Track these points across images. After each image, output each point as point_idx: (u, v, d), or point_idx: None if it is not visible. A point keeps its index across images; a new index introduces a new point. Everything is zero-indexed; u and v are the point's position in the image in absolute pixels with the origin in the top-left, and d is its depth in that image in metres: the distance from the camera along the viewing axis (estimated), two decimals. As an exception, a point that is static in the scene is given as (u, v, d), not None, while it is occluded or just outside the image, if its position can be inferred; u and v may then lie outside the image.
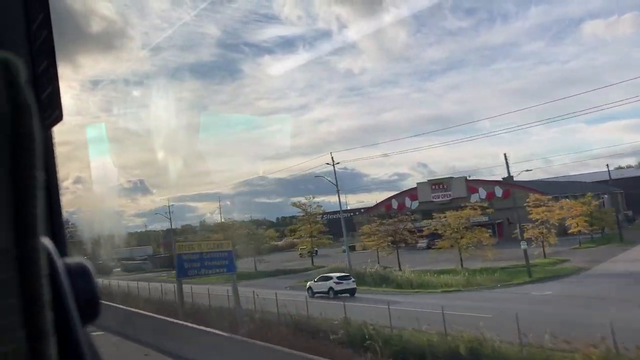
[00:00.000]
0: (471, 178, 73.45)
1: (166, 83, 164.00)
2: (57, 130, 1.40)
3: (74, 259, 0.97)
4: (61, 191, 1.39)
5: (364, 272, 42.82)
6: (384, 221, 53.66)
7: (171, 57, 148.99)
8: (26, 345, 0.55)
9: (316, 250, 71.99)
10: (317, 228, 61.75)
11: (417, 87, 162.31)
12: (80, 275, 0.90)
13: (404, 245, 50.41)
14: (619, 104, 79.56)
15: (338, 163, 55.92)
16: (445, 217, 46.08)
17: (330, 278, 38.95)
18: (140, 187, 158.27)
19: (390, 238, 49.54)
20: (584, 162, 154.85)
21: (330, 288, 37.87)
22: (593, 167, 71.20)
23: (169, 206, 79.06)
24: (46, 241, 0.68)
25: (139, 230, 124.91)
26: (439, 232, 46.83)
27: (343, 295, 36.34)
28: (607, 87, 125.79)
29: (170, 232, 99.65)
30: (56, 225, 1.32)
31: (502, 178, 63.11)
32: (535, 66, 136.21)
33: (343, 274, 40.28)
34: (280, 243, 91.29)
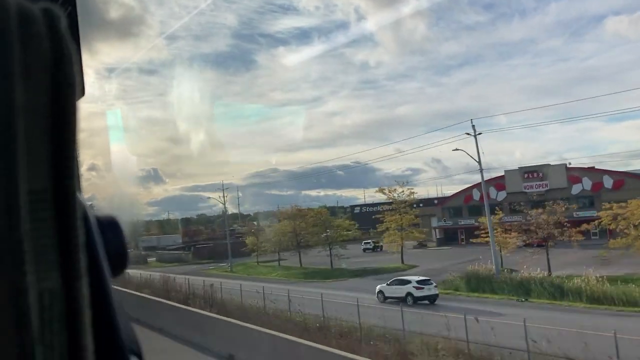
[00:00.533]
0: (571, 166, 63.00)
1: (181, 72, 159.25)
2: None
3: (104, 214, 0.94)
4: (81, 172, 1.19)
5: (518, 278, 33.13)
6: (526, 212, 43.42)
7: (186, 47, 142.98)
8: (61, 284, 0.57)
9: (380, 246, 62.10)
10: (408, 219, 51.19)
11: (433, 82, 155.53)
12: (110, 228, 0.89)
13: (540, 243, 39.79)
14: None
15: (480, 133, 45.57)
16: (626, 206, 35.20)
17: (408, 282, 34.33)
18: (153, 176, 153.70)
19: (531, 234, 39.05)
20: (601, 161, 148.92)
21: (409, 294, 33.29)
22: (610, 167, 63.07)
23: (223, 189, 68.53)
24: (80, 195, 0.68)
25: (155, 219, 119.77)
26: (609, 227, 36.22)
27: (422, 302, 32.20)
28: (626, 86, 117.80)
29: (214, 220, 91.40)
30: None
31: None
32: (553, 63, 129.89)
33: (423, 277, 35.50)
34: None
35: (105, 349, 0.70)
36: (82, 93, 1.27)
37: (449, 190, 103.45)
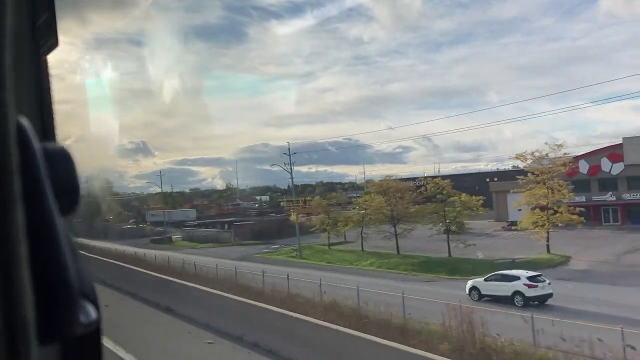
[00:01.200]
0: None
1: (171, 44, 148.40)
2: (59, 88, 1.42)
3: (54, 143, 0.88)
4: (56, 124, 1.35)
5: None
6: None
7: (177, 18, 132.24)
8: None
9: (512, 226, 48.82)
10: (561, 194, 38.59)
11: (425, 59, 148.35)
12: (59, 159, 0.79)
13: None
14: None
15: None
16: None
17: (516, 277, 27.95)
18: (142, 149, 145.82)
19: None
20: (589, 141, 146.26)
21: (517, 292, 27.14)
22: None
23: (289, 155, 55.37)
24: (24, 121, 0.66)
25: (146, 192, 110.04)
26: None
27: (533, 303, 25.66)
28: (615, 66, 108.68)
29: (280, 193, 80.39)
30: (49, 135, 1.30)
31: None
32: (544, 42, 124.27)
33: (533, 272, 28.85)
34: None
35: (49, 287, 0.66)
36: (56, 45, 1.33)
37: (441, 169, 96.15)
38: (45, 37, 1.31)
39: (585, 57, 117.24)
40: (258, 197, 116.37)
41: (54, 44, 1.33)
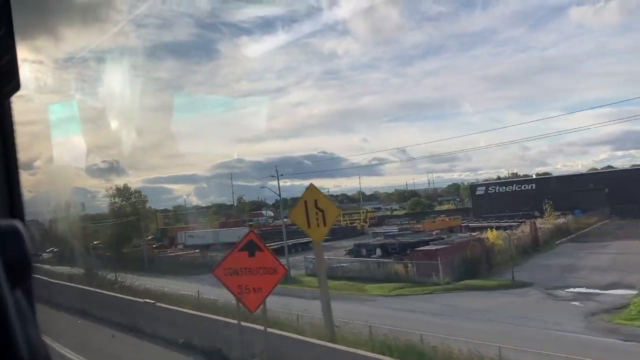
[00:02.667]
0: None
1: (142, 62, 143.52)
2: (23, 108, 0.95)
3: (6, 220, 0.95)
4: (20, 165, 1.33)
5: None
6: None
7: (148, 35, 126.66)
8: None
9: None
10: None
11: (396, 72, 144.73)
12: (10, 236, 0.88)
13: None
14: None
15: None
16: None
17: None
18: (115, 168, 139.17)
19: None
20: (560, 149, 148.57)
21: None
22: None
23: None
24: None
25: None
26: None
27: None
28: (584, 76, 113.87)
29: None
30: (15, 198, 1.28)
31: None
32: (514, 53, 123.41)
33: None
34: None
35: None
36: (17, 87, 1.34)
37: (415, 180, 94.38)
38: (6, 79, 1.29)
39: (554, 67, 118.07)
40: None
41: (15, 86, 1.32)
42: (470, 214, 79.53)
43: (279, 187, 48.99)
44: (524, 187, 78.05)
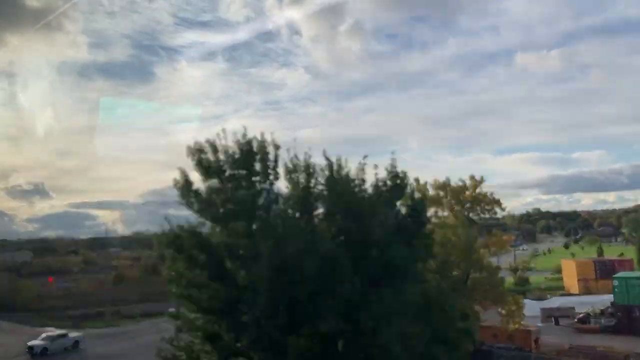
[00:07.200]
0: None
1: (71, 81, 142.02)
2: None
3: None
4: None
5: None
6: None
7: (80, 55, 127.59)
8: None
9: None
10: None
11: (335, 107, 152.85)
12: None
13: None
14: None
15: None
16: None
17: None
18: (39, 190, 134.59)
19: None
20: (492, 191, 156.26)
21: None
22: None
23: None
24: None
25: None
26: None
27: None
28: (513, 121, 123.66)
29: None
30: None
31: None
32: (448, 95, 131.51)
33: None
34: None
35: None
36: None
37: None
38: None
39: (486, 111, 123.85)
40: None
41: None
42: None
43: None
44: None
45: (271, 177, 13.19)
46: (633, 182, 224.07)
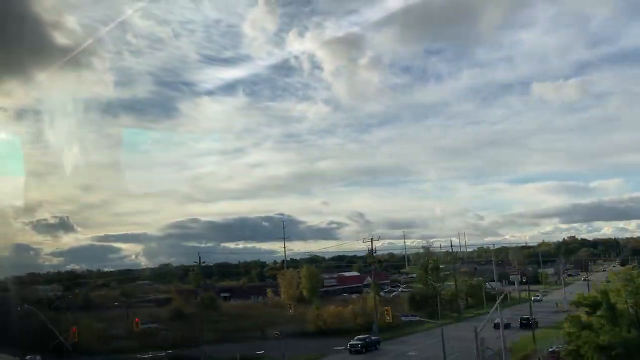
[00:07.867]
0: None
1: (98, 118, 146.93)
2: None
3: None
4: None
5: None
6: None
7: (105, 92, 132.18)
8: None
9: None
10: None
11: (353, 138, 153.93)
12: None
13: None
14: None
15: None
16: None
17: None
18: (64, 224, 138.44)
19: None
20: (511, 220, 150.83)
21: None
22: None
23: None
24: None
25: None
26: None
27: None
28: (530, 150, 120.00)
29: None
30: None
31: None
32: (465, 126, 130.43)
33: None
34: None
35: None
36: None
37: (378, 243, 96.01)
38: None
39: (502, 141, 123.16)
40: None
41: None
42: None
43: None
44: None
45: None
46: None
